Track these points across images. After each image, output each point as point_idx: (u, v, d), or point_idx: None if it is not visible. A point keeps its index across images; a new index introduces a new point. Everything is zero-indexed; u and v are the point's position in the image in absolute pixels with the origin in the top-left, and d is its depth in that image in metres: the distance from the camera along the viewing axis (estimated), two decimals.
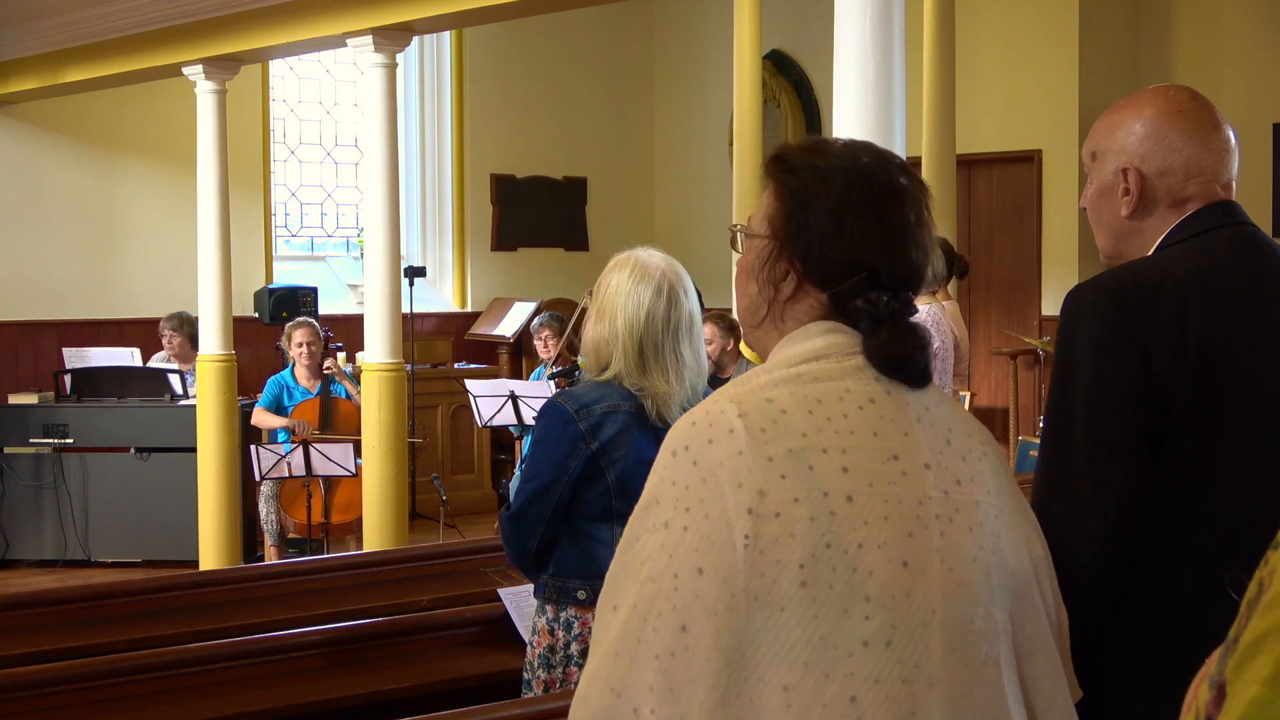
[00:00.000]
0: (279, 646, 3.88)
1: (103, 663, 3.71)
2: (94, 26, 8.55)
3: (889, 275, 1.71)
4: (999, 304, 10.56)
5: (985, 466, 1.73)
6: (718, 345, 7.02)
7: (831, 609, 1.58)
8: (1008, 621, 1.69)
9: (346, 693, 3.77)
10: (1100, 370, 2.01)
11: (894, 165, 1.76)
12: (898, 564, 1.61)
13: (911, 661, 1.60)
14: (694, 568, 1.60)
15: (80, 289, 10.54)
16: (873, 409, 1.67)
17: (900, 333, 1.69)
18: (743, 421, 1.63)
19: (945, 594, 1.63)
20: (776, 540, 1.58)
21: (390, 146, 7.51)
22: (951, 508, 1.66)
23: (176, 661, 3.74)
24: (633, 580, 1.64)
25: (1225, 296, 2.04)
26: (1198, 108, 2.13)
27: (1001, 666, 1.67)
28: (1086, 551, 1.96)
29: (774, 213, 1.76)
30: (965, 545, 1.66)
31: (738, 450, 1.61)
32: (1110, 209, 2.15)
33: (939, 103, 7.57)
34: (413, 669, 3.92)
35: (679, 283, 2.95)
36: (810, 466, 1.61)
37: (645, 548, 1.64)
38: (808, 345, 1.71)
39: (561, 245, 12.40)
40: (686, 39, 12.60)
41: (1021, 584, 1.72)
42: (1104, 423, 1.99)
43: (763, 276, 1.76)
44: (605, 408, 2.94)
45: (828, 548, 1.59)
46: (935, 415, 1.71)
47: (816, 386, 1.66)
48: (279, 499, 8.15)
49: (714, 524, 1.60)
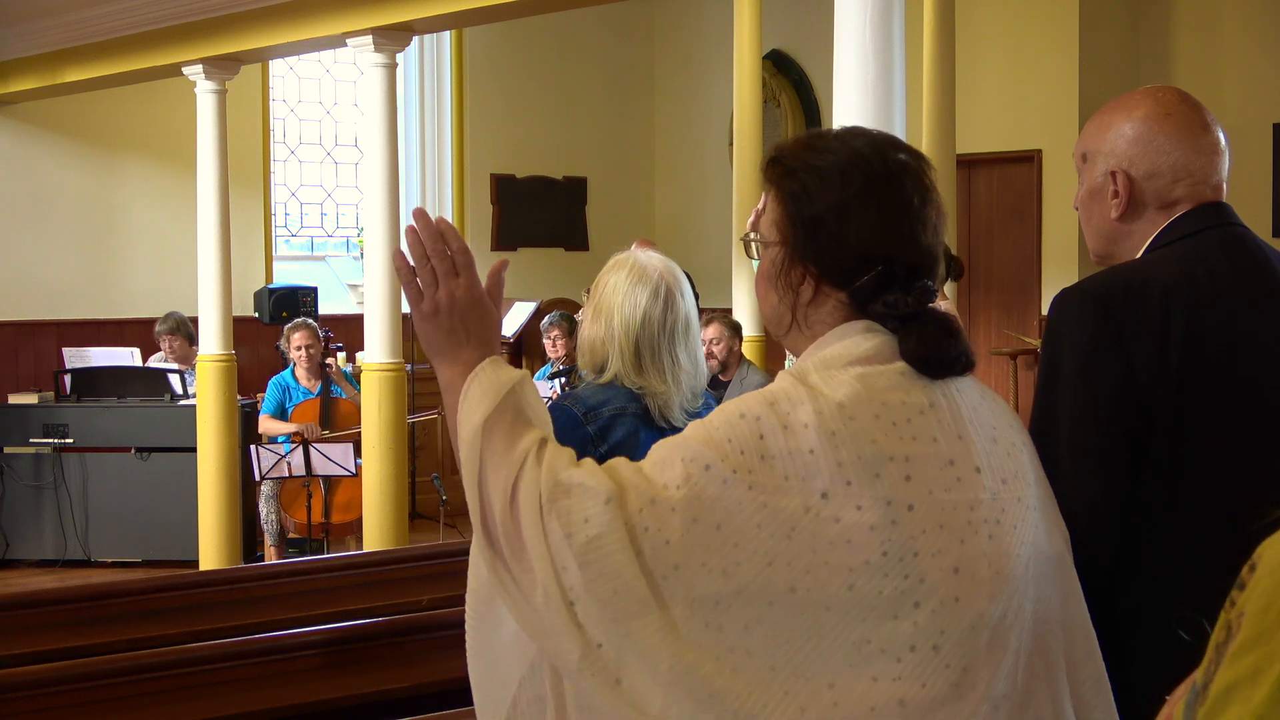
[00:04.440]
0: (279, 646, 3.88)
1: (103, 663, 3.70)
2: (94, 26, 8.55)
3: (903, 265, 1.70)
4: (999, 304, 10.56)
5: (1025, 459, 1.74)
6: (724, 345, 7.02)
7: (877, 612, 1.58)
8: (1044, 610, 1.69)
9: (346, 693, 3.76)
10: (1084, 374, 2.01)
11: (889, 145, 1.75)
12: (949, 570, 1.61)
13: (960, 665, 1.60)
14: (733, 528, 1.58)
15: (80, 289, 10.54)
16: (932, 414, 1.66)
17: (929, 331, 1.69)
18: (818, 419, 1.61)
19: (991, 596, 1.63)
20: (831, 544, 1.57)
21: (390, 146, 7.51)
22: (999, 509, 1.67)
23: (176, 661, 3.74)
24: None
25: (1212, 299, 2.04)
26: (1186, 110, 2.13)
27: (1038, 656, 1.67)
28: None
29: (780, 218, 1.75)
30: (1010, 544, 1.66)
31: (809, 448, 1.60)
32: (1100, 211, 2.16)
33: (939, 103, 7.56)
34: (413, 669, 3.92)
35: (676, 285, 2.94)
36: (877, 475, 1.60)
37: (675, 472, 1.60)
38: (852, 345, 1.69)
39: (561, 245, 12.40)
40: (686, 39, 12.60)
41: (1059, 568, 1.73)
42: (1087, 426, 2.00)
43: (781, 283, 1.74)
44: (613, 410, 2.92)
45: (884, 555, 1.58)
46: (981, 411, 1.71)
47: (879, 390, 1.65)
48: (279, 499, 8.15)
49: (765, 509, 1.58)
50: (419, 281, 1.77)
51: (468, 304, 1.77)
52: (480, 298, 1.79)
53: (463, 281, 1.78)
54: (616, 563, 1.58)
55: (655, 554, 1.58)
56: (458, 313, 1.77)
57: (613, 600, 1.57)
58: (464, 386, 1.72)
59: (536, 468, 1.64)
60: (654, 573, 1.58)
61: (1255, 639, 1.02)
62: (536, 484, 1.62)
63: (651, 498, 1.60)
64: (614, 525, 1.58)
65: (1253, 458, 2.02)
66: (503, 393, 1.70)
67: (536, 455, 1.65)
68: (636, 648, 1.57)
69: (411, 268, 1.78)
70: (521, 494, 1.62)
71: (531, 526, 1.61)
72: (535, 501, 1.61)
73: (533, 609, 1.61)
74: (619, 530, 1.58)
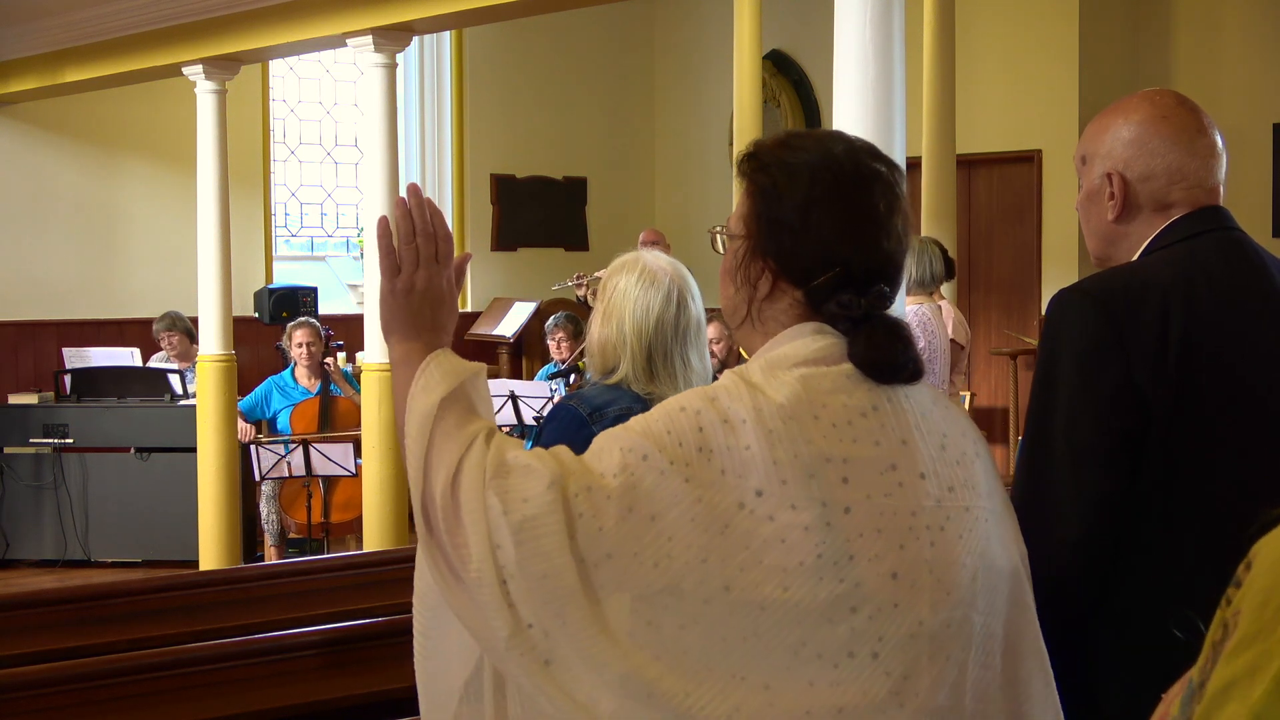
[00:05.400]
0: (279, 646, 3.88)
1: (103, 663, 3.70)
2: (94, 26, 8.55)
3: (861, 268, 1.69)
4: (999, 304, 10.56)
5: (978, 469, 1.71)
6: (725, 345, 7.03)
7: (813, 615, 1.56)
8: (994, 624, 1.67)
9: (346, 693, 3.77)
10: (1082, 375, 2.02)
11: (864, 152, 1.74)
12: (887, 576, 1.59)
13: (899, 673, 1.59)
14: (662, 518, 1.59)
15: (80, 289, 10.54)
16: (875, 416, 1.65)
17: (879, 335, 1.67)
18: (756, 416, 1.61)
19: (933, 605, 1.61)
20: (765, 543, 1.56)
21: (390, 146, 7.51)
22: (943, 516, 1.65)
23: (176, 661, 3.74)
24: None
25: (1210, 302, 2.04)
26: (1183, 113, 2.14)
27: (982, 670, 1.65)
28: (1062, 556, 1.97)
29: (747, 212, 1.75)
30: (955, 553, 1.64)
31: (745, 444, 1.59)
32: (1097, 213, 2.17)
33: (939, 103, 7.57)
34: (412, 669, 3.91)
35: (686, 287, 2.94)
36: (812, 475, 1.59)
37: (612, 460, 1.61)
38: (800, 347, 1.68)
39: (561, 245, 12.40)
40: (686, 39, 12.60)
41: (1012, 584, 1.70)
42: (1084, 427, 2.00)
43: (739, 277, 1.74)
44: (618, 410, 2.91)
45: (819, 558, 1.57)
46: (931, 419, 1.69)
47: (821, 392, 1.64)
48: (279, 499, 8.15)
49: (700, 503, 1.58)
50: (399, 257, 1.79)
51: (441, 293, 1.80)
52: (452, 291, 1.82)
53: (442, 270, 1.80)
54: (550, 545, 1.57)
55: (589, 540, 1.57)
56: (430, 298, 1.79)
57: (543, 581, 1.57)
58: (423, 364, 1.73)
59: (484, 446, 1.65)
60: (586, 560, 1.57)
61: (1252, 636, 1.02)
62: (483, 462, 1.63)
63: (588, 485, 1.59)
64: (553, 508, 1.58)
65: (1249, 459, 2.03)
66: (461, 378, 1.72)
67: (486, 437, 1.66)
68: (568, 632, 1.57)
69: (391, 240, 1.79)
70: (465, 470, 1.63)
71: (471, 501, 1.61)
72: (479, 478, 1.62)
73: (463, 587, 1.61)
74: (557, 513, 1.58)
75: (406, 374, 1.74)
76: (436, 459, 1.66)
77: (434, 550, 1.65)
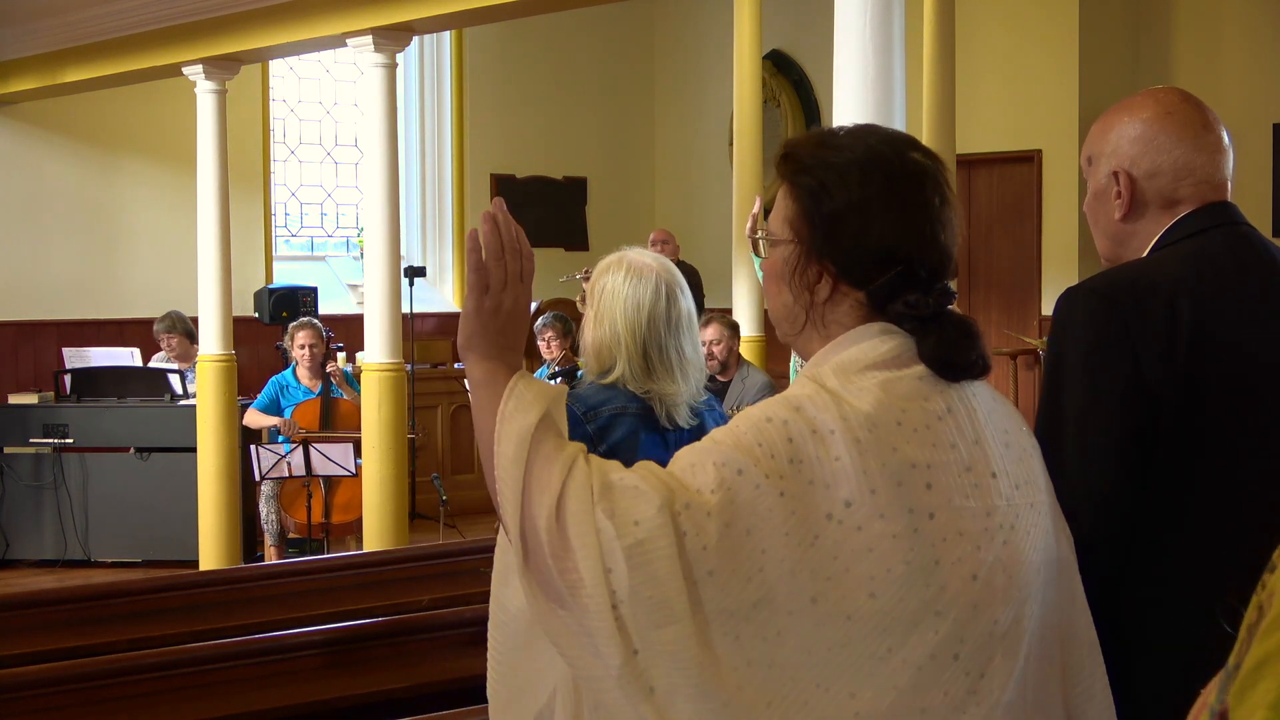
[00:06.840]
0: (279, 646, 3.88)
1: (103, 663, 3.71)
2: (94, 26, 8.55)
3: (923, 265, 1.67)
4: (999, 304, 10.56)
5: (1035, 464, 1.72)
6: (724, 345, 7.02)
7: (902, 623, 1.56)
8: (1051, 615, 1.68)
9: (346, 693, 3.77)
10: (1091, 371, 2.01)
11: (904, 143, 1.73)
12: (968, 578, 1.60)
13: (977, 672, 1.60)
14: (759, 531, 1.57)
15: (80, 289, 10.54)
16: (951, 419, 1.65)
17: (948, 333, 1.67)
18: (844, 426, 1.59)
19: (1006, 603, 1.62)
20: (854, 553, 1.56)
21: (390, 146, 7.52)
22: (1014, 514, 1.65)
23: (176, 661, 3.74)
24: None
25: (1219, 297, 2.04)
26: (1188, 109, 2.13)
27: (1040, 661, 1.67)
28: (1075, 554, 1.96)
29: (794, 215, 1.71)
30: (1024, 550, 1.65)
31: (835, 455, 1.57)
32: (1105, 212, 2.17)
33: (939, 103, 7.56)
34: (413, 669, 3.92)
35: (674, 280, 2.94)
36: (899, 483, 1.58)
37: (708, 476, 1.58)
38: (869, 349, 1.67)
39: (561, 245, 12.40)
40: (686, 39, 12.60)
41: (1067, 572, 1.72)
42: (1094, 423, 2.00)
43: (795, 282, 1.71)
44: (613, 409, 2.92)
45: (906, 565, 1.57)
46: (995, 416, 1.70)
47: (900, 398, 1.63)
48: (279, 499, 8.15)
49: (793, 516, 1.56)
50: (488, 274, 1.72)
51: (524, 312, 1.74)
52: (528, 312, 1.76)
53: (526, 289, 1.75)
54: (663, 569, 1.54)
55: (695, 559, 1.55)
56: (515, 319, 1.73)
57: (653, 606, 1.54)
58: (509, 385, 1.67)
59: (586, 468, 1.60)
60: (691, 577, 1.55)
61: None
62: (589, 483, 1.58)
63: (687, 502, 1.56)
64: (664, 530, 1.55)
65: (1259, 455, 2.03)
66: (550, 401, 1.67)
67: (586, 457, 1.62)
68: (667, 654, 1.54)
69: (481, 256, 1.73)
70: (570, 493, 1.58)
71: (580, 525, 1.57)
72: (587, 501, 1.57)
73: (569, 614, 1.57)
74: (668, 534, 1.55)
75: (490, 394, 1.68)
76: (537, 484, 1.61)
77: (533, 577, 1.61)
